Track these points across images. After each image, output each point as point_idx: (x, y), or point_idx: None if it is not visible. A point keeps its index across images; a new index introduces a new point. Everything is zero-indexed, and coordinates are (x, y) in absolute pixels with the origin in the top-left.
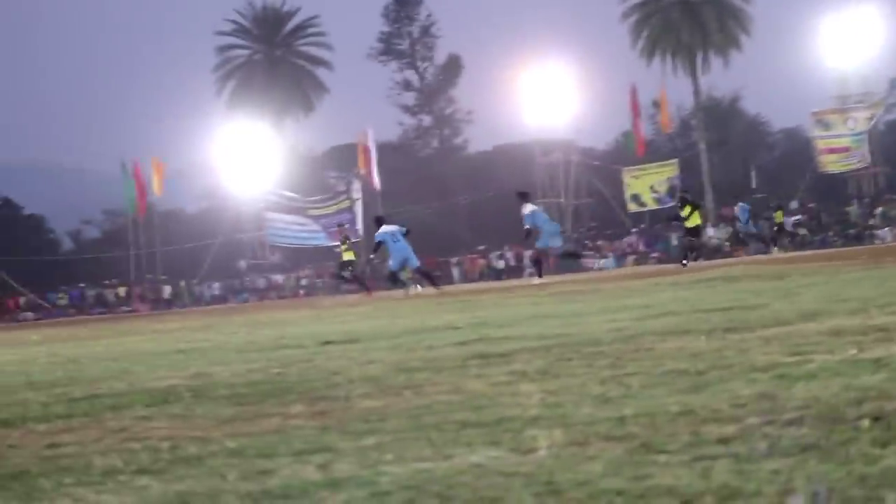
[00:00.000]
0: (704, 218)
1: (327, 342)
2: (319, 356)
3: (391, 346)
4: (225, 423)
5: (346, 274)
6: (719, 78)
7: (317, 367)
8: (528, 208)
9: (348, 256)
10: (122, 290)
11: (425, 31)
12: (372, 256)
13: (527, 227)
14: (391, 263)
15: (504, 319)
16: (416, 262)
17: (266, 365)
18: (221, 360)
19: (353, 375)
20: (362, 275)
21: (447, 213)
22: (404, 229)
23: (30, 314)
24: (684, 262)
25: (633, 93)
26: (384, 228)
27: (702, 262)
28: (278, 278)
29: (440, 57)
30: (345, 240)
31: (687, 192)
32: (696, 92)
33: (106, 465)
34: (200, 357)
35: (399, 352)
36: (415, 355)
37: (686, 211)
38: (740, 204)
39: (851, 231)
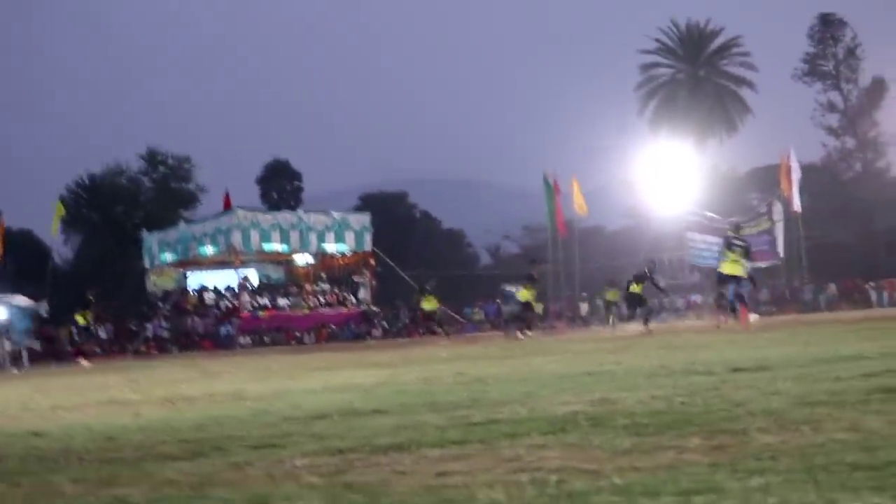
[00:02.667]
0: None
1: (737, 369)
2: (727, 385)
3: (798, 375)
4: (619, 455)
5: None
6: None
7: (722, 396)
8: None
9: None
10: (539, 307)
11: (850, 52)
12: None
13: None
14: None
15: None
16: None
17: (672, 393)
18: (628, 386)
19: (756, 408)
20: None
21: (868, 237)
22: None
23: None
24: None
25: None
26: None
27: None
28: (696, 299)
29: (864, 79)
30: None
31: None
32: None
33: (489, 499)
34: (608, 381)
35: (805, 382)
36: (820, 387)
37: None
38: None
39: None
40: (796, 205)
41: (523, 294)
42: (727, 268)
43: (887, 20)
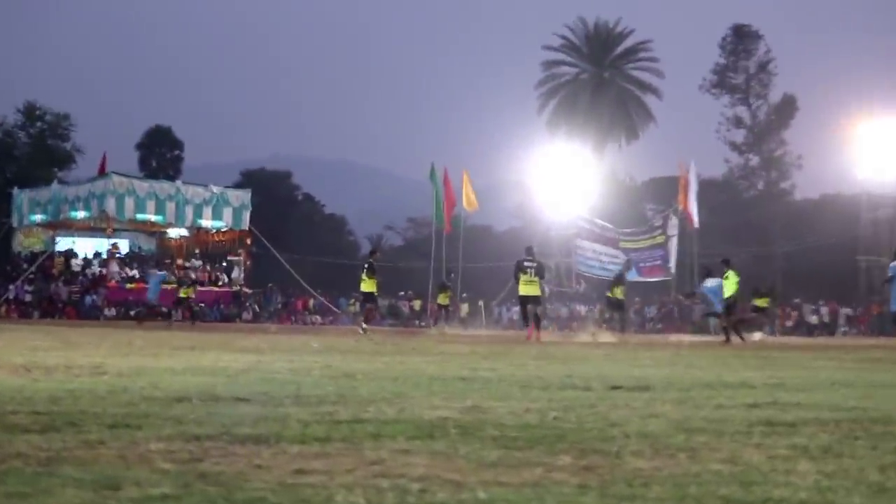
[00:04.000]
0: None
1: (615, 387)
2: (603, 402)
3: (679, 399)
4: (485, 468)
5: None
6: None
7: (597, 414)
8: None
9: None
10: (416, 304)
11: (762, 67)
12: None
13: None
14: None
15: (802, 383)
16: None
17: (546, 406)
18: (501, 395)
19: (631, 430)
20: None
21: (764, 259)
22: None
23: (318, 318)
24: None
25: None
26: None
27: None
28: (581, 309)
29: (775, 95)
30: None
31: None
32: None
33: (346, 502)
34: (481, 388)
35: (685, 407)
36: (700, 413)
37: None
38: None
39: None
40: (694, 220)
41: (366, 284)
42: (524, 289)
43: (802, 37)
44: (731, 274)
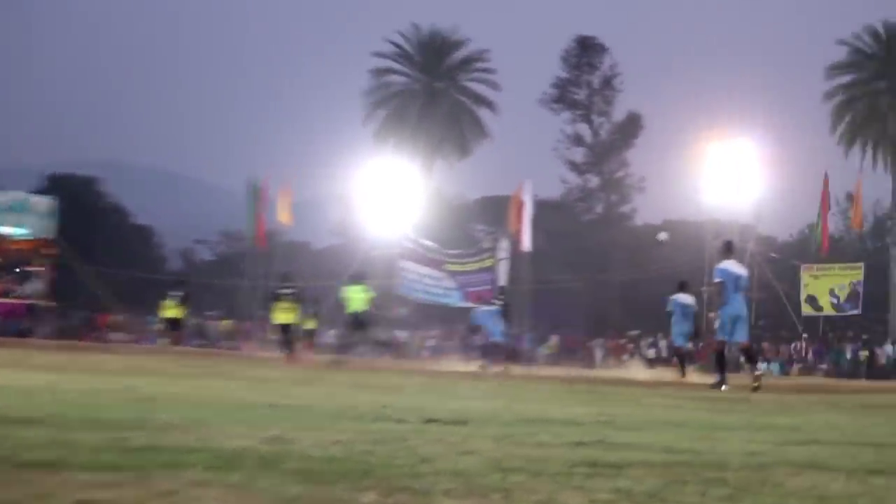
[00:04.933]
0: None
1: (431, 420)
2: (416, 437)
3: (499, 435)
4: (284, 503)
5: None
6: None
7: (409, 449)
8: None
9: None
10: (226, 324)
11: (607, 82)
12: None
13: None
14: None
15: (634, 421)
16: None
17: (355, 437)
18: (309, 425)
19: (444, 466)
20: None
21: (601, 288)
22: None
23: (121, 335)
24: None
25: (826, 183)
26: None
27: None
28: (402, 335)
29: (618, 113)
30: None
31: None
32: None
33: None
34: (289, 417)
35: (504, 444)
36: (520, 451)
37: None
38: None
39: None
40: (526, 244)
41: (176, 311)
42: (281, 317)
43: (650, 55)
44: (357, 289)
